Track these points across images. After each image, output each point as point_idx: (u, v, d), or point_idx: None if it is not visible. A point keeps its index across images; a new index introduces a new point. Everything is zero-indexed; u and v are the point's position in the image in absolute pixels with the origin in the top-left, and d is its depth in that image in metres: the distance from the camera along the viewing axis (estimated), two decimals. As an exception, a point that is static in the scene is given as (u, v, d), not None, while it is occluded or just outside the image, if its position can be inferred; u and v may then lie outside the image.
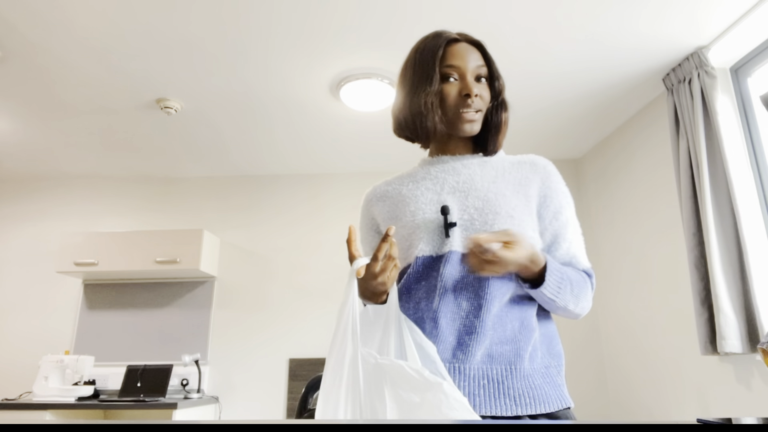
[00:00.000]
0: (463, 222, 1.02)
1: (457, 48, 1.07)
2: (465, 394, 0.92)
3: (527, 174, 1.09)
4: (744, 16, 2.24)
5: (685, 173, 2.48)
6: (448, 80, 1.06)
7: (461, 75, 1.05)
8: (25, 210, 4.06)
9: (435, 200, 1.06)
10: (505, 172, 1.09)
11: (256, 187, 4.04)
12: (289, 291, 3.76)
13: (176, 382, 3.50)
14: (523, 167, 1.10)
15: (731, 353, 2.20)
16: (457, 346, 0.96)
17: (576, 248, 1.09)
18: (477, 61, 1.07)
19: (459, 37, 1.09)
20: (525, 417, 0.94)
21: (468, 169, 1.09)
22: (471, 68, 1.06)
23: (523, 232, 1.01)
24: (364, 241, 1.20)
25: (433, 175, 1.11)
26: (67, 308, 3.79)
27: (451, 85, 1.06)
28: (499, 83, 1.09)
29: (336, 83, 2.79)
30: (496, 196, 1.03)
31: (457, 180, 1.08)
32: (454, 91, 1.05)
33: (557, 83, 2.82)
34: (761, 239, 2.24)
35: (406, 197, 1.10)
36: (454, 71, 1.05)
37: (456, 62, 1.05)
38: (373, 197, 1.17)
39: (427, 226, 1.03)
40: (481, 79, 1.08)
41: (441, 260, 1.00)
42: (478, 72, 1.07)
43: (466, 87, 1.04)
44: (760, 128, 2.39)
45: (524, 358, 0.97)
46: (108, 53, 2.50)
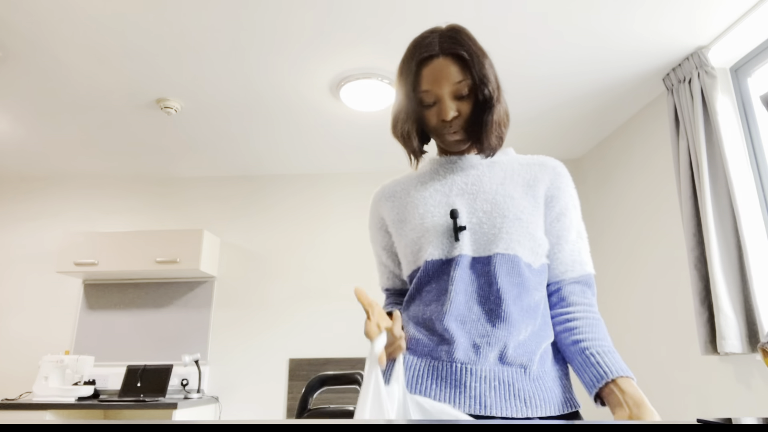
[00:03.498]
0: (471, 225, 1.01)
1: (432, 68, 1.00)
2: (476, 395, 0.92)
3: (536, 174, 1.08)
4: (744, 16, 2.24)
5: (685, 173, 2.48)
6: (427, 105, 1.03)
7: (438, 98, 1.01)
8: (25, 210, 4.06)
9: (444, 203, 1.05)
10: (514, 173, 1.08)
11: (256, 187, 4.04)
12: (289, 291, 3.76)
13: (176, 382, 3.50)
14: (532, 168, 1.09)
15: (731, 353, 2.20)
16: (469, 348, 0.95)
17: (579, 252, 1.07)
18: (456, 77, 1.00)
19: (437, 49, 1.01)
20: (535, 419, 0.92)
21: (476, 170, 1.09)
22: (448, 90, 1.00)
23: (531, 234, 1.01)
24: (374, 240, 1.20)
25: (441, 176, 1.10)
26: (67, 308, 3.79)
27: (430, 110, 1.04)
28: (485, 91, 1.01)
29: (336, 83, 2.79)
30: (505, 199, 1.03)
31: (465, 181, 1.07)
32: (434, 116, 1.04)
33: (557, 83, 2.82)
34: (761, 239, 2.24)
35: (415, 199, 1.09)
36: (430, 96, 1.02)
37: (431, 87, 1.01)
38: (381, 197, 1.16)
39: (436, 229, 1.02)
40: (461, 94, 1.01)
41: (451, 264, 0.99)
42: (458, 89, 1.00)
43: (442, 112, 1.01)
44: (760, 128, 2.39)
45: (534, 361, 0.97)
46: (108, 53, 2.50)
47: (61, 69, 2.62)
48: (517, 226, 1.00)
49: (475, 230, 1.01)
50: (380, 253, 1.19)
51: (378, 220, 1.17)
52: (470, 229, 1.01)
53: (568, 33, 2.39)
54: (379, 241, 1.18)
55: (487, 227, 1.00)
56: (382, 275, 1.22)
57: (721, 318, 2.20)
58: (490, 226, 1.00)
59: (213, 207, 4.01)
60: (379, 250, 1.19)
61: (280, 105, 3.02)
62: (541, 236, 1.03)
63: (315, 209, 3.96)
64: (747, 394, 2.28)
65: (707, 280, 2.35)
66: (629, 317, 3.16)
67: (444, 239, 1.02)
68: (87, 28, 2.31)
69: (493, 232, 1.00)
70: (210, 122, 3.22)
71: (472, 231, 1.01)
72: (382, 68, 2.67)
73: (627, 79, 2.78)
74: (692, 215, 2.43)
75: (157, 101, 2.94)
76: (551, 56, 2.57)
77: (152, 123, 3.22)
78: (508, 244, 0.99)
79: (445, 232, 1.02)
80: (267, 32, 2.37)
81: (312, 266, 3.82)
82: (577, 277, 1.06)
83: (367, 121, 3.24)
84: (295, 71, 2.68)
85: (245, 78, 2.74)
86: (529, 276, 1.00)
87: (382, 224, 1.17)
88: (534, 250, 1.02)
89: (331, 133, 3.39)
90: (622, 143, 3.29)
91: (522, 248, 1.00)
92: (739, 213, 2.22)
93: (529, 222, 1.02)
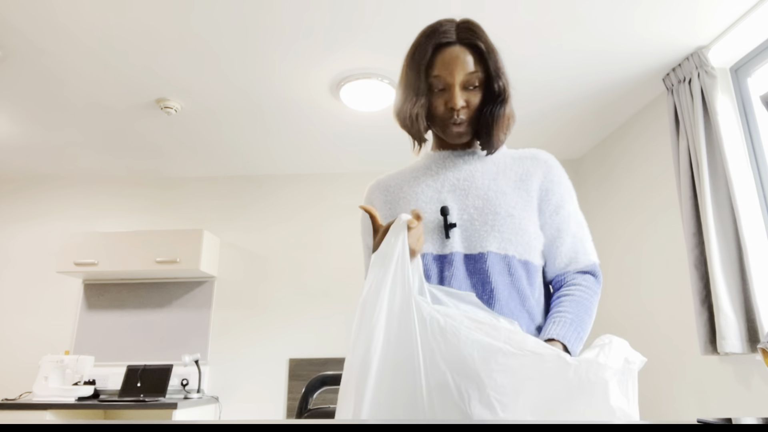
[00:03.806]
0: (462, 222, 1.01)
1: (447, 54, 1.01)
2: None
3: (528, 168, 1.08)
4: (744, 16, 2.24)
5: (685, 173, 2.48)
6: (435, 91, 1.02)
7: (448, 86, 1.01)
8: (25, 210, 4.06)
9: (435, 199, 1.05)
10: (506, 168, 1.08)
11: (257, 187, 4.04)
12: (289, 291, 3.76)
13: (176, 382, 3.50)
14: (524, 162, 1.09)
15: (731, 353, 2.20)
16: None
17: (581, 242, 1.07)
18: (468, 67, 1.00)
19: (455, 37, 1.02)
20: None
21: (469, 165, 1.08)
22: (460, 79, 1.00)
23: (524, 229, 1.01)
24: (365, 233, 1.17)
25: (433, 171, 1.10)
26: (67, 308, 3.79)
27: (438, 96, 1.03)
28: (499, 83, 1.03)
29: (336, 83, 2.79)
30: (497, 195, 1.03)
31: (457, 177, 1.07)
32: (441, 103, 1.03)
33: (557, 83, 2.82)
34: (761, 239, 2.23)
35: (407, 194, 1.08)
36: (440, 82, 1.01)
37: (443, 72, 1.00)
38: (375, 189, 1.16)
39: (427, 226, 1.02)
40: (471, 86, 1.02)
41: (444, 261, 0.99)
42: (469, 80, 1.01)
43: (451, 100, 1.01)
44: (760, 128, 2.39)
45: None
46: (108, 53, 2.50)
47: (61, 69, 2.62)
48: (509, 222, 1.00)
49: (467, 227, 1.01)
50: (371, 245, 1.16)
51: None
52: (461, 226, 1.01)
53: (567, 33, 2.39)
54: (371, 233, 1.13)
55: (479, 224, 1.00)
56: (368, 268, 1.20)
57: (721, 318, 2.20)
58: (482, 222, 1.00)
59: (213, 207, 4.01)
60: (371, 241, 1.15)
61: (280, 105, 3.02)
62: (534, 231, 1.03)
63: (315, 209, 3.96)
64: (747, 394, 2.28)
65: (707, 280, 2.35)
66: (629, 317, 3.16)
67: (435, 236, 1.01)
68: (87, 28, 2.31)
69: (485, 229, 0.99)
70: (210, 122, 3.22)
71: (463, 228, 1.01)
72: (382, 68, 2.66)
73: (627, 79, 2.78)
74: (692, 215, 2.43)
75: (157, 101, 2.94)
76: (551, 57, 2.57)
77: (152, 123, 3.21)
78: (500, 242, 0.99)
79: (436, 229, 1.02)
80: (267, 32, 2.36)
81: (312, 266, 3.82)
82: (582, 267, 1.06)
83: (367, 121, 3.24)
84: (295, 71, 2.68)
85: (245, 78, 2.73)
86: (522, 274, 1.00)
87: None
88: (526, 246, 1.01)
89: (331, 133, 3.39)
90: (622, 143, 3.29)
91: (514, 246, 1.00)
92: (739, 213, 2.22)
93: (522, 217, 1.01)
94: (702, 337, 2.32)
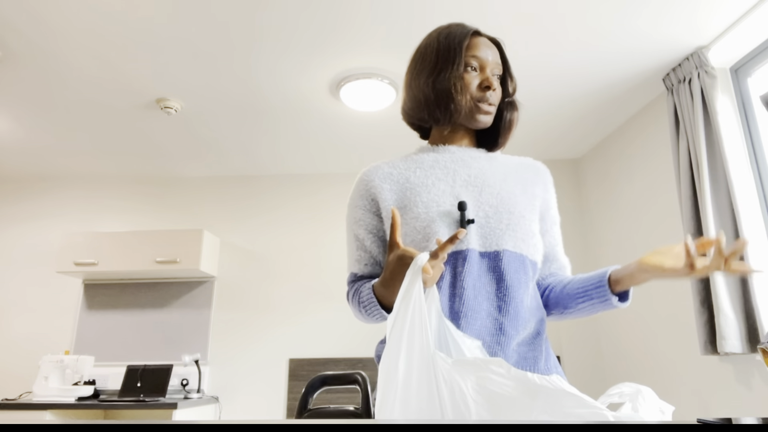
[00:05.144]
0: (478, 219, 1.01)
1: (480, 41, 1.08)
2: None
3: (531, 177, 1.12)
4: (744, 16, 2.24)
5: (685, 173, 2.48)
6: (470, 70, 1.06)
7: (482, 67, 1.06)
8: (25, 210, 4.06)
9: (449, 192, 1.03)
10: (512, 171, 1.10)
11: (256, 187, 4.04)
12: (289, 291, 3.76)
13: (176, 382, 3.50)
14: (528, 169, 1.14)
15: (731, 353, 2.20)
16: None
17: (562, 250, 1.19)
18: (496, 58, 1.08)
19: (481, 32, 1.11)
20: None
21: (477, 163, 1.08)
22: (491, 63, 1.07)
23: (533, 232, 1.04)
24: (357, 222, 1.09)
25: (442, 165, 1.07)
26: (67, 308, 3.79)
27: (472, 75, 1.06)
28: (512, 83, 1.12)
29: (336, 83, 2.79)
30: (509, 195, 1.04)
31: (468, 173, 1.06)
32: (475, 82, 1.06)
33: (557, 83, 2.82)
34: (761, 239, 2.24)
35: (416, 185, 1.04)
36: (476, 61, 1.06)
37: (479, 53, 1.06)
38: (375, 177, 1.08)
39: (443, 219, 0.99)
40: (496, 76, 1.09)
41: (458, 257, 0.98)
42: (496, 69, 1.08)
43: (487, 79, 1.05)
44: (760, 128, 2.39)
45: (540, 359, 0.98)
46: (108, 53, 2.50)
47: (61, 69, 2.62)
48: (522, 223, 1.02)
49: (482, 224, 1.01)
50: (363, 236, 1.08)
51: (368, 201, 1.08)
52: (477, 222, 1.01)
53: (567, 33, 2.39)
54: (365, 224, 1.08)
55: (494, 222, 1.00)
56: (358, 261, 1.10)
57: (721, 318, 2.20)
58: (497, 221, 1.01)
59: (213, 207, 4.01)
60: (363, 234, 1.08)
61: (281, 105, 3.02)
62: (538, 235, 1.07)
63: (315, 209, 3.96)
64: (747, 394, 2.28)
65: (707, 280, 2.35)
66: (629, 317, 3.16)
67: (451, 230, 0.99)
68: (87, 27, 2.31)
69: (501, 228, 1.00)
70: (210, 122, 3.22)
71: (479, 225, 1.01)
72: (382, 68, 2.66)
73: (627, 79, 2.78)
74: (692, 215, 2.43)
75: (157, 101, 2.94)
76: (550, 57, 2.57)
77: (152, 123, 3.22)
78: (515, 241, 1.00)
79: (452, 223, 1.00)
80: (267, 32, 2.37)
81: (312, 266, 3.82)
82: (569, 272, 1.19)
83: (367, 121, 3.24)
84: (295, 71, 2.68)
85: (245, 78, 2.74)
86: (532, 274, 1.03)
87: (374, 207, 1.08)
88: (535, 248, 1.04)
89: (332, 133, 3.39)
90: (622, 143, 3.29)
91: (527, 246, 1.02)
92: (739, 213, 2.22)
93: (531, 220, 1.04)
94: (702, 337, 2.32)
